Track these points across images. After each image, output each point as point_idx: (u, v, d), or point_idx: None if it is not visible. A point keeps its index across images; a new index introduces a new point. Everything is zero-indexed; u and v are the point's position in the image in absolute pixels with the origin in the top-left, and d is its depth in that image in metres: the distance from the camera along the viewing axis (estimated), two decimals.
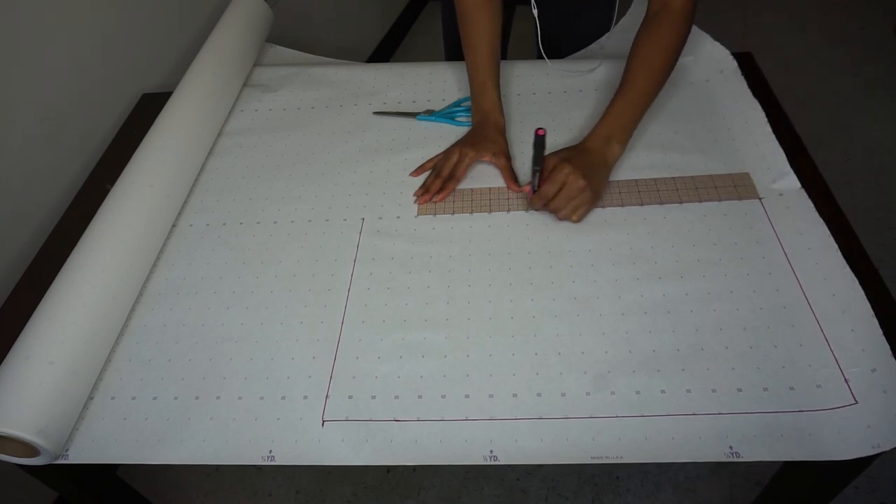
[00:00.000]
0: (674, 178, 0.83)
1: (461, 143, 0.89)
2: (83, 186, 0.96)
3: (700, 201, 0.80)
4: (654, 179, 0.83)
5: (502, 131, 0.90)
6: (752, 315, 0.69)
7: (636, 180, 0.84)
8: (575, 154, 0.80)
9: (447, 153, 0.89)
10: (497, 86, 0.92)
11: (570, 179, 0.77)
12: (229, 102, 1.02)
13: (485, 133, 0.89)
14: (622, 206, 0.81)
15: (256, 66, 1.12)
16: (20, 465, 0.65)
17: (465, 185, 0.87)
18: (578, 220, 0.79)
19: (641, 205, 0.81)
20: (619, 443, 0.61)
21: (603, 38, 1.07)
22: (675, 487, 1.16)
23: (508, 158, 0.88)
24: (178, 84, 0.96)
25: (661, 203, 0.80)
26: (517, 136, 0.93)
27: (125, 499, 0.86)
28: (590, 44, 1.05)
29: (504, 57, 1.18)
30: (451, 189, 0.85)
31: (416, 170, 0.90)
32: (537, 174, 0.78)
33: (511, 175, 0.86)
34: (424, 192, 0.86)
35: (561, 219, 0.79)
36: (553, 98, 0.98)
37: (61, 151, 1.01)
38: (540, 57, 1.03)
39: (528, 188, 0.81)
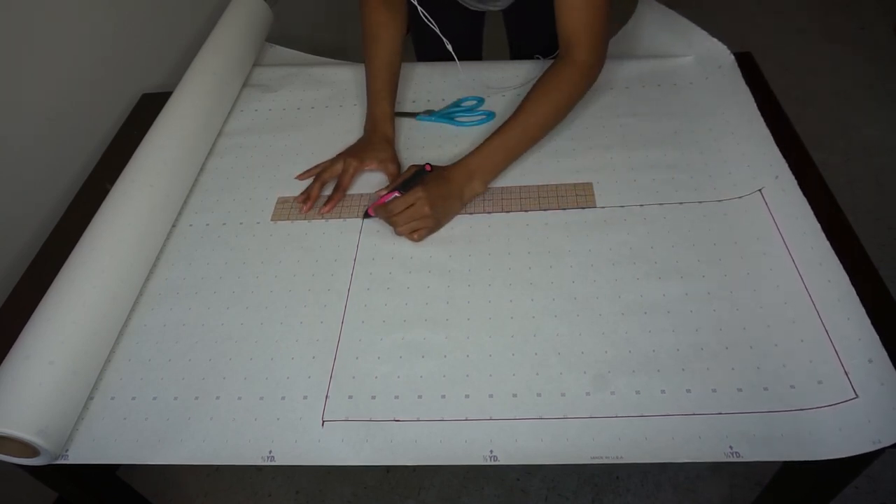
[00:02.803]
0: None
1: (346, 153, 0.90)
2: (83, 186, 0.96)
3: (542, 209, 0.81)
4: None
5: (390, 141, 0.91)
6: (753, 314, 0.68)
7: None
8: (434, 180, 0.81)
9: (332, 162, 0.89)
10: (391, 97, 0.93)
11: (419, 204, 0.78)
12: (229, 102, 1.02)
13: (371, 143, 0.90)
14: (622, 206, 0.81)
15: (256, 66, 1.12)
16: (20, 465, 0.65)
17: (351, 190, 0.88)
18: (418, 241, 0.80)
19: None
20: (619, 443, 0.61)
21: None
22: (675, 487, 1.16)
23: (397, 165, 0.89)
24: (178, 84, 0.96)
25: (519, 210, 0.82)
26: None
27: (125, 499, 0.86)
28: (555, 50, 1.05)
29: (479, 58, 1.18)
30: (338, 200, 0.86)
31: (302, 173, 0.90)
32: (395, 191, 0.81)
33: (391, 190, 0.84)
34: (306, 200, 0.85)
35: (398, 234, 0.81)
36: None
37: (61, 151, 1.01)
38: (514, 58, 1.03)
39: (384, 195, 0.82)
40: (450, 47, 0.94)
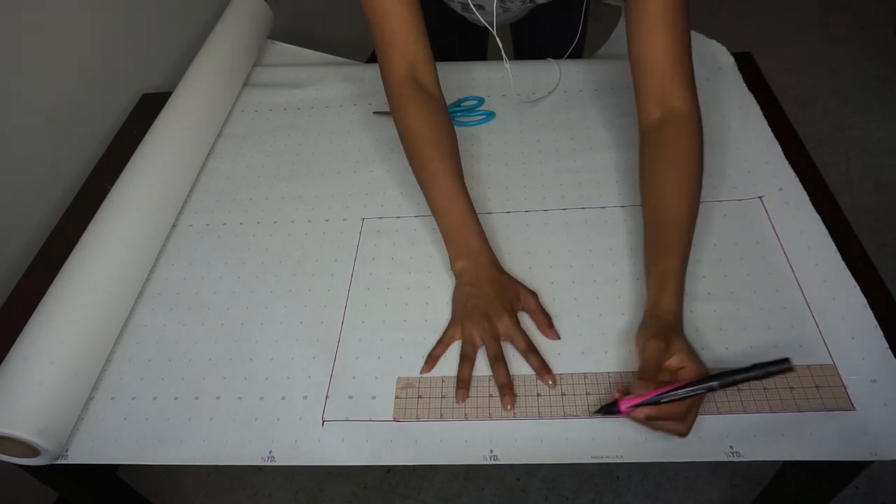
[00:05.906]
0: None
1: (488, 314, 0.68)
2: (83, 186, 0.96)
3: (785, 410, 0.61)
4: None
5: (502, 268, 0.73)
6: (752, 315, 0.68)
7: None
8: (685, 348, 0.61)
9: (484, 329, 0.67)
10: (477, 220, 0.73)
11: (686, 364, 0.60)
12: (229, 102, 1.02)
13: (497, 280, 0.70)
14: (622, 206, 0.81)
15: (256, 66, 1.12)
16: (20, 465, 0.65)
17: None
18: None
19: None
20: (619, 443, 0.61)
21: (602, 48, 1.08)
22: (675, 487, 1.16)
23: (536, 296, 0.72)
24: (178, 84, 0.96)
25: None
26: (517, 145, 0.93)
27: (125, 499, 0.86)
28: (561, 52, 1.05)
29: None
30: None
31: (427, 364, 0.68)
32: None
33: (546, 318, 0.69)
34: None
35: (681, 435, 0.59)
36: (553, 98, 0.98)
37: (61, 151, 1.01)
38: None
39: (649, 392, 0.58)
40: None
